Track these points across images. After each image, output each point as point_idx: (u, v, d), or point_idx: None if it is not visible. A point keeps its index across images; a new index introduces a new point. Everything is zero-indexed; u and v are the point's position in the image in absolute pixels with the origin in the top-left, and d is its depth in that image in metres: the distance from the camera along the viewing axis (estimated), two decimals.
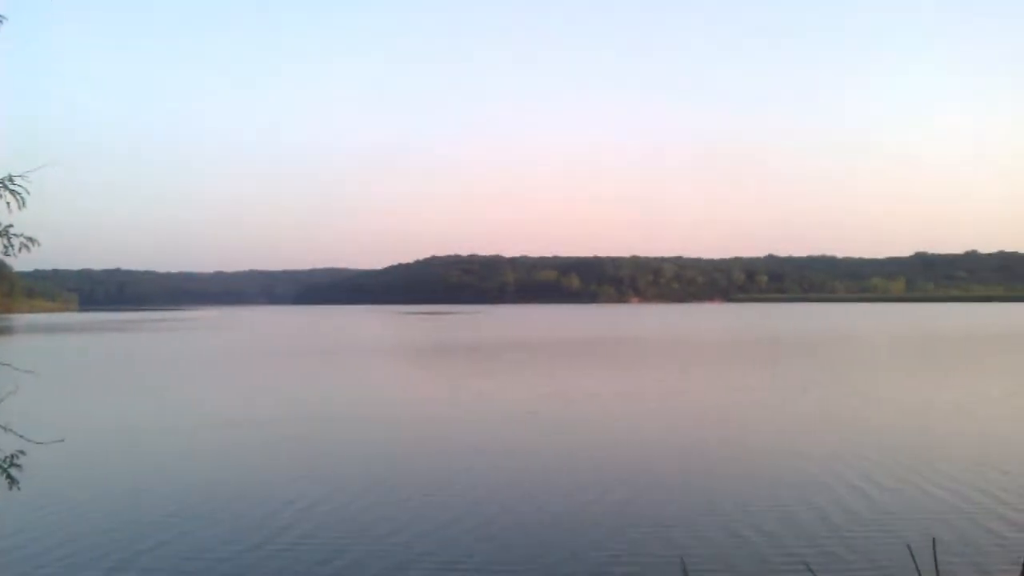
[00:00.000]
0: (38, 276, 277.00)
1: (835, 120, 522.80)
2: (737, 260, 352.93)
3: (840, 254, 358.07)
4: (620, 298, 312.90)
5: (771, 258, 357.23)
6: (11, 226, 5.96)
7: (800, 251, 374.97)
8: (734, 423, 23.87)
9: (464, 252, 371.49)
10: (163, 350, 65.96)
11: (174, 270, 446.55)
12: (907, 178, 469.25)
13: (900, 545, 11.52)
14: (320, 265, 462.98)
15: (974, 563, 11.10)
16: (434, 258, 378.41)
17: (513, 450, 20.06)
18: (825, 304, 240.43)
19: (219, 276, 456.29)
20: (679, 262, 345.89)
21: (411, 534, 12.87)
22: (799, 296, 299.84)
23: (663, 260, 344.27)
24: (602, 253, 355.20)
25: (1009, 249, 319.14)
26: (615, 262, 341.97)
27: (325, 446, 21.03)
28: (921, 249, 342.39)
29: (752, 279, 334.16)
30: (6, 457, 6.02)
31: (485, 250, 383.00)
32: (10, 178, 5.91)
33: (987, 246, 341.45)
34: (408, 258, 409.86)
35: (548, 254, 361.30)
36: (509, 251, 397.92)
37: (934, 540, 5.46)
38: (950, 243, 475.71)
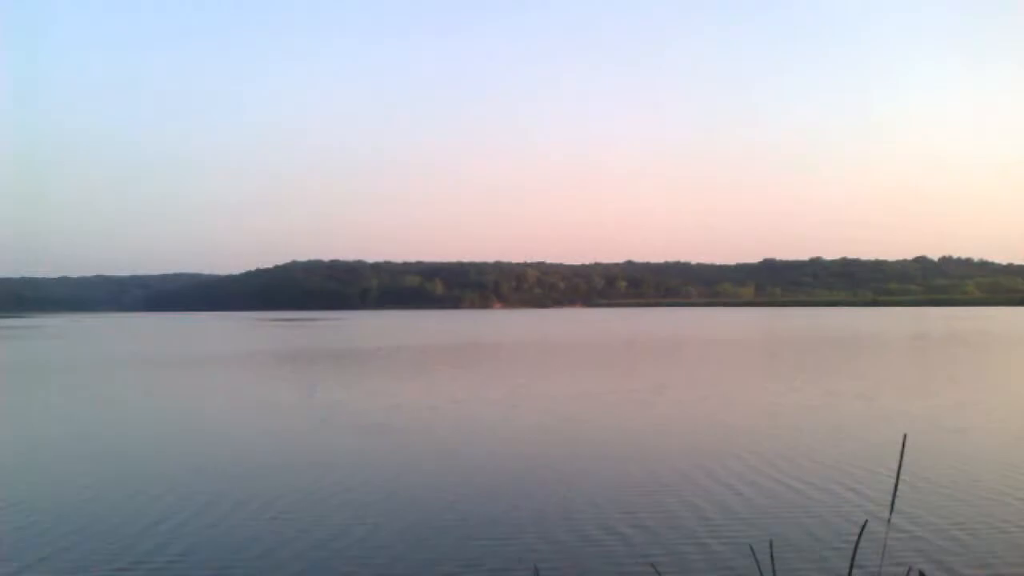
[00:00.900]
0: None
1: (685, 129, 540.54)
2: (597, 266, 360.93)
3: (694, 260, 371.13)
4: (484, 303, 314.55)
5: (630, 264, 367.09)
6: None
7: (657, 257, 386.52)
8: (590, 425, 23.95)
9: (326, 257, 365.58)
10: None
11: (14, 275, 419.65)
12: (755, 188, 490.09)
13: (745, 545, 11.58)
14: (173, 270, 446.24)
15: (813, 562, 11.22)
16: (294, 263, 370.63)
17: (361, 461, 19.38)
18: (681, 308, 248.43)
19: (64, 281, 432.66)
20: (542, 268, 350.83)
21: (260, 551, 12.09)
22: (656, 300, 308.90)
23: (526, 266, 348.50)
24: (466, 259, 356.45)
25: (851, 256, 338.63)
26: (479, 268, 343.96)
27: (153, 463, 19.75)
28: (769, 256, 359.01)
29: (612, 284, 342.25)
30: None
31: (347, 255, 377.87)
32: None
33: (830, 253, 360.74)
34: (267, 263, 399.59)
35: (412, 259, 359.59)
36: (372, 256, 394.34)
37: (771, 542, 5.30)
38: (796, 250, 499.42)
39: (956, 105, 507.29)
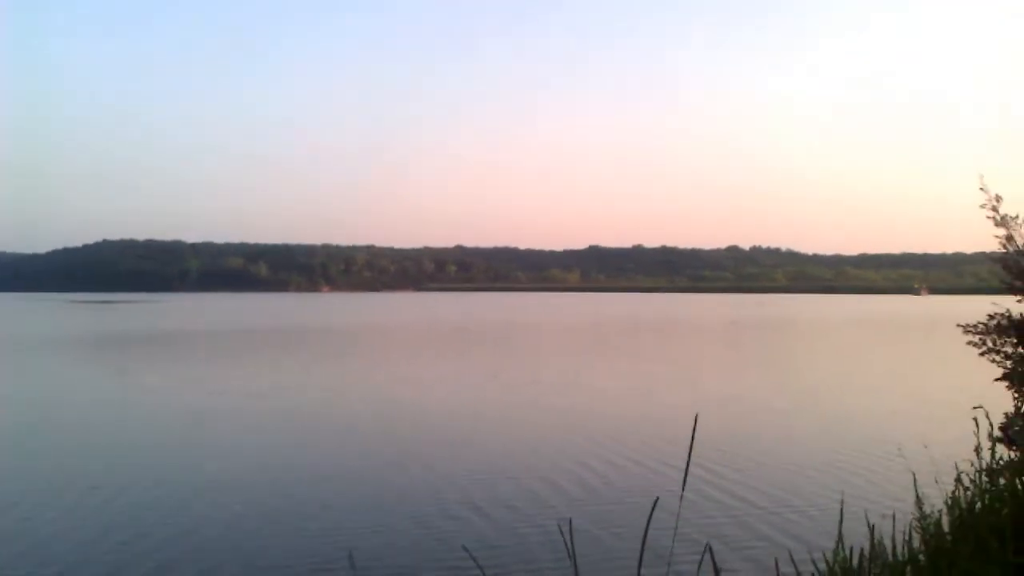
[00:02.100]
0: None
1: (513, 116, 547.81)
2: (427, 250, 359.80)
3: (523, 246, 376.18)
4: (311, 287, 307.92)
5: (460, 248, 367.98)
6: None
7: (486, 242, 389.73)
8: (417, 411, 23.81)
9: (140, 236, 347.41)
10: None
11: None
12: (579, 177, 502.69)
13: (553, 524, 11.78)
14: None
15: (611, 538, 11.55)
16: (105, 242, 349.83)
17: (166, 454, 18.47)
18: (510, 293, 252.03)
19: None
20: (371, 251, 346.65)
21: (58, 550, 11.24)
22: (486, 285, 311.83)
23: (355, 249, 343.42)
24: (292, 240, 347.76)
25: (670, 244, 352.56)
26: (306, 250, 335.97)
27: None
28: (594, 243, 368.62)
29: (442, 268, 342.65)
30: None
31: (165, 235, 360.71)
32: None
33: (651, 241, 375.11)
34: (75, 242, 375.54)
35: (235, 240, 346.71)
36: (192, 236, 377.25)
37: (570, 520, 5.31)
38: (619, 238, 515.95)
39: (764, 105, 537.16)
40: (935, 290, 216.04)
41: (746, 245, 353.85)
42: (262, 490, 14.69)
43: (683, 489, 4.60)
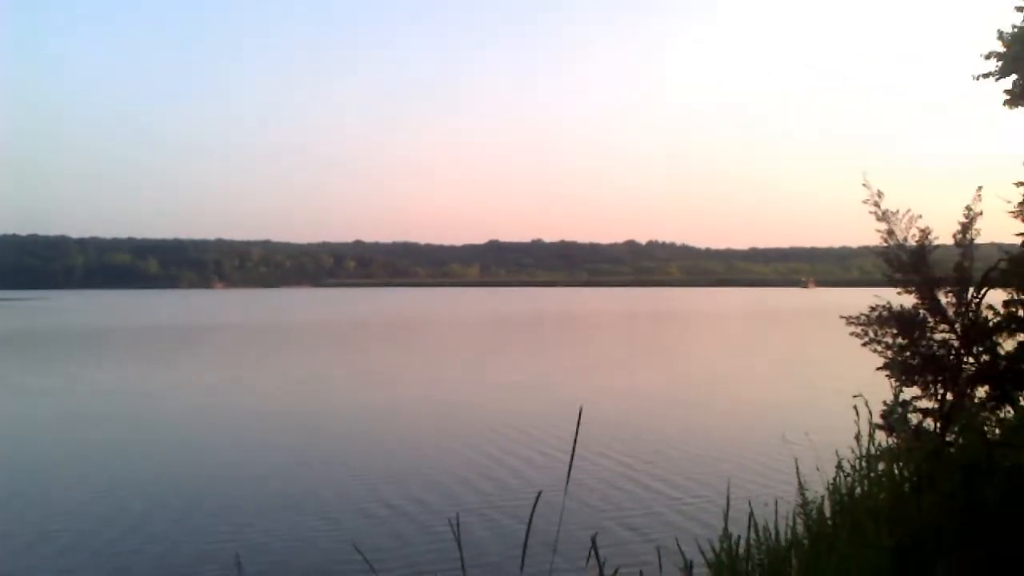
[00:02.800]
0: None
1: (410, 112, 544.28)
2: (325, 245, 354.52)
3: (423, 240, 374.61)
4: (204, 283, 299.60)
5: (359, 243, 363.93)
6: None
7: (386, 237, 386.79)
8: (311, 414, 23.39)
9: (23, 232, 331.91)
10: None
11: None
12: (479, 171, 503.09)
13: (443, 523, 11.71)
14: None
15: (498, 532, 11.57)
16: None
17: (74, 456, 17.75)
18: (410, 288, 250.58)
19: None
20: (267, 246, 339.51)
21: None
22: (385, 281, 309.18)
23: (250, 244, 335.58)
24: (184, 235, 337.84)
25: (569, 239, 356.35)
26: (198, 245, 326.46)
27: None
28: (494, 237, 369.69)
29: (341, 264, 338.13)
30: None
31: (48, 230, 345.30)
32: None
33: (550, 236, 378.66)
34: None
35: (123, 235, 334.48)
36: (77, 231, 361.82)
37: (457, 515, 5.25)
38: (519, 233, 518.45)
39: (655, 102, 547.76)
40: (822, 283, 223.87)
41: (643, 239, 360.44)
42: (143, 492, 14.21)
43: (567, 482, 4.59)
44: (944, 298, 8.50)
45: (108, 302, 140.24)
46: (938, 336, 8.47)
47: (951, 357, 8.22)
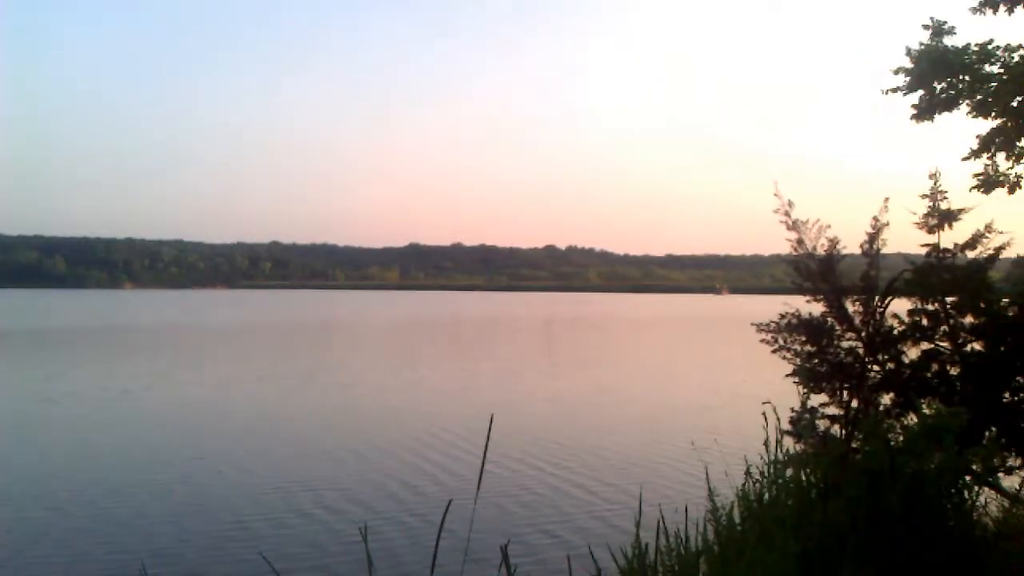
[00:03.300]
0: None
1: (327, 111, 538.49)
2: (240, 245, 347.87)
3: (341, 243, 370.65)
4: (114, 283, 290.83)
5: (275, 244, 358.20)
6: None
7: (304, 239, 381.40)
8: (221, 419, 22.85)
9: None
10: None
11: None
12: (400, 173, 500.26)
13: (353, 532, 11.55)
14: None
15: (408, 541, 11.48)
16: None
17: None
18: (328, 291, 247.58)
19: None
20: (179, 246, 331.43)
21: None
22: (303, 283, 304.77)
23: (162, 243, 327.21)
24: (92, 234, 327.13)
25: (489, 243, 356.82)
26: (107, 244, 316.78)
27: None
28: (414, 241, 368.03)
29: (256, 265, 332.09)
30: None
31: None
32: None
33: (470, 240, 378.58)
34: None
35: (29, 232, 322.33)
36: None
37: (365, 525, 5.14)
38: (439, 236, 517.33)
39: (577, 111, 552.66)
40: (735, 290, 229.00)
41: (562, 245, 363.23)
42: (45, 502, 13.67)
43: (478, 489, 4.53)
44: (851, 306, 8.70)
45: (5, 302, 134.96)
46: (845, 344, 8.67)
47: (857, 365, 8.42)
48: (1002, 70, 11.30)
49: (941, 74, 11.60)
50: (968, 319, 8.84)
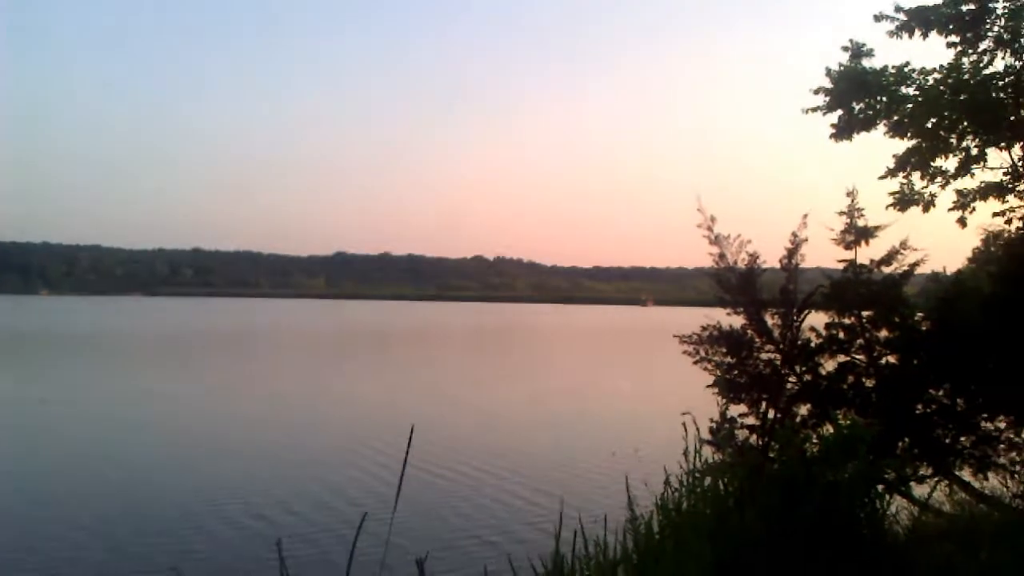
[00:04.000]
0: None
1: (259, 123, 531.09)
2: (161, 252, 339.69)
3: (265, 250, 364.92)
4: (28, 289, 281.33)
5: (197, 251, 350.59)
6: None
7: (226, 245, 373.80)
8: (132, 433, 22.22)
9: None
10: None
11: None
12: (326, 181, 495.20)
13: (268, 547, 11.34)
14: None
15: (323, 555, 11.29)
16: None
17: None
18: (251, 299, 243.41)
19: None
20: (97, 252, 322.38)
21: None
22: (225, 291, 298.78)
23: (79, 248, 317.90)
24: (6, 238, 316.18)
25: (417, 252, 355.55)
26: (23, 248, 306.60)
27: None
28: (341, 249, 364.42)
29: (177, 272, 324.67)
30: None
31: None
32: None
33: (398, 249, 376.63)
34: None
35: None
36: None
37: (279, 539, 5.03)
38: (367, 245, 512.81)
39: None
40: (660, 302, 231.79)
41: (490, 255, 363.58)
42: None
43: (396, 502, 4.45)
44: (770, 319, 8.87)
45: None
46: (764, 356, 8.83)
47: (775, 376, 8.57)
48: (917, 92, 11.65)
49: (859, 95, 11.92)
50: (883, 333, 9.07)
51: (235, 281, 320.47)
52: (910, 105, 11.67)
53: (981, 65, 11.42)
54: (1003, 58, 11.37)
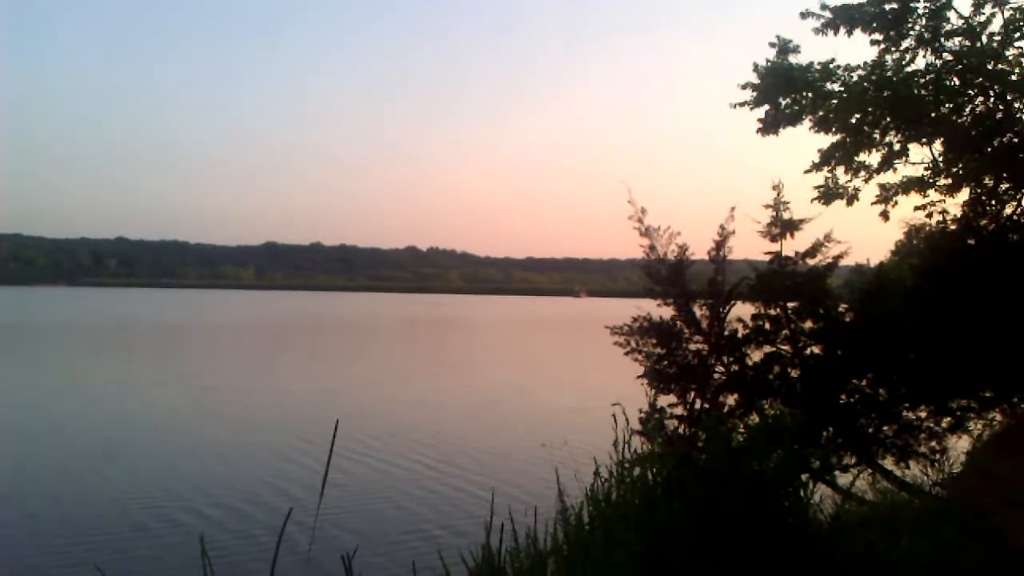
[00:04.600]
0: None
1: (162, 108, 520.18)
2: (84, 241, 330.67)
3: (193, 240, 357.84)
4: None
5: (122, 240, 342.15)
6: None
7: (152, 235, 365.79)
8: (53, 427, 21.58)
9: None
10: None
11: None
12: (256, 170, 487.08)
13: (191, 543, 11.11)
14: None
15: (249, 552, 11.11)
16: None
17: None
18: (178, 290, 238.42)
19: None
20: (18, 240, 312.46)
21: None
22: (151, 281, 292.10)
23: (0, 237, 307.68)
24: None
25: (349, 243, 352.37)
26: None
27: None
28: (271, 239, 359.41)
29: (101, 262, 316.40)
30: None
31: None
32: None
33: (330, 239, 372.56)
34: None
35: None
36: None
37: (202, 535, 4.91)
38: (298, 235, 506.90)
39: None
40: (593, 293, 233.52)
41: (423, 246, 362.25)
42: None
43: (321, 496, 4.40)
44: (699, 311, 8.97)
45: None
46: (693, 346, 8.93)
47: (703, 366, 8.68)
48: (842, 88, 11.90)
49: (785, 90, 12.13)
50: (808, 324, 9.25)
51: (161, 271, 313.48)
52: (835, 101, 11.91)
53: (903, 63, 11.72)
54: (924, 56, 11.68)
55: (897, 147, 12.32)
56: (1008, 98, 11.72)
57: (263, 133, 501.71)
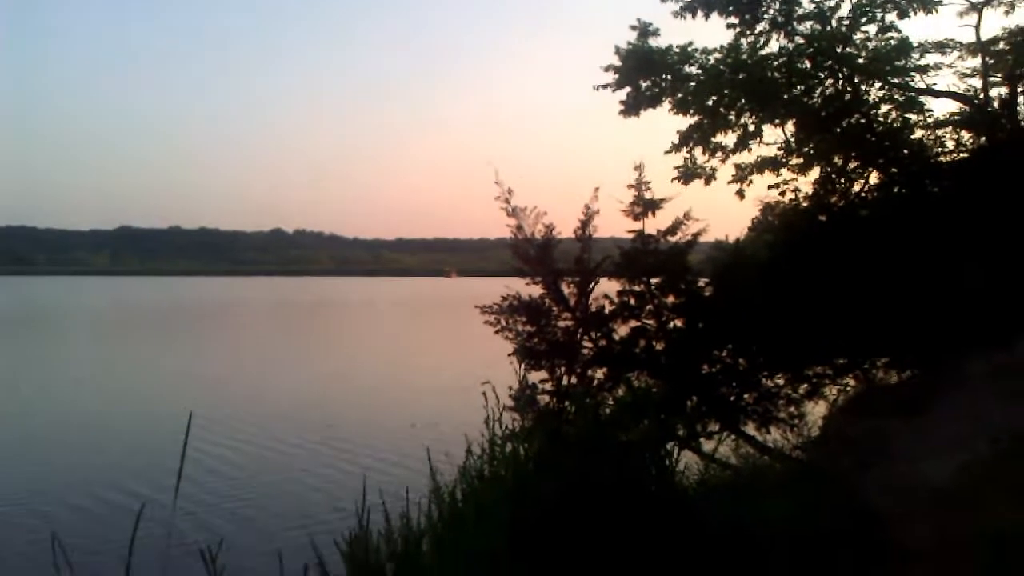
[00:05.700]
0: None
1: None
2: None
3: (41, 224, 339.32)
4: None
5: None
6: None
7: None
8: None
9: None
10: None
11: None
12: (108, 151, 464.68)
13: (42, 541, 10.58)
14: None
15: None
16: None
17: None
18: (26, 277, 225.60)
19: None
20: None
21: None
22: None
23: None
24: None
25: (210, 226, 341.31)
26: None
27: None
28: (126, 223, 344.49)
29: None
30: None
31: None
32: None
33: (189, 223, 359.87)
34: None
35: None
36: None
37: (53, 533, 4.73)
38: (155, 218, 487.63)
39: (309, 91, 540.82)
40: (463, 272, 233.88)
41: (290, 228, 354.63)
42: None
43: (177, 491, 4.29)
44: (566, 288, 9.12)
45: None
46: (561, 323, 9.08)
47: (572, 342, 8.84)
48: (700, 71, 12.27)
49: (646, 73, 12.42)
50: (670, 299, 9.53)
51: (8, 258, 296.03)
52: (692, 84, 12.28)
53: (758, 46, 12.17)
54: (778, 40, 12.17)
55: (752, 128, 12.80)
56: (856, 80, 12.35)
57: (114, 110, 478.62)
